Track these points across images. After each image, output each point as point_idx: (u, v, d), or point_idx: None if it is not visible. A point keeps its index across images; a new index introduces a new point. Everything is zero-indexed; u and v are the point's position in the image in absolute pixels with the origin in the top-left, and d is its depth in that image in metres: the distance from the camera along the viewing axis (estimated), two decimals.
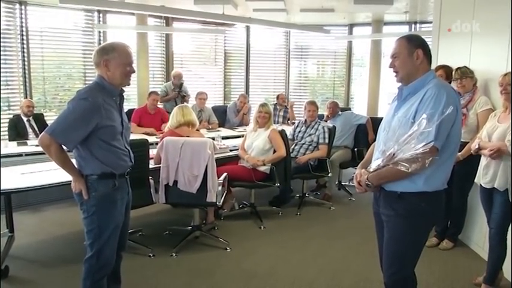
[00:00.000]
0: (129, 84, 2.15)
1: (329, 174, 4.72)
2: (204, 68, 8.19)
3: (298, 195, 4.91)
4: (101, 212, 2.08)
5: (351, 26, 8.42)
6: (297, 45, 8.70)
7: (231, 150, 4.53)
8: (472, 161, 3.07)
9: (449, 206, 3.69)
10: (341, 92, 8.87)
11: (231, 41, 8.24)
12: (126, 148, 2.19)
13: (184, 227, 3.84)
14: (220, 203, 3.46)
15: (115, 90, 2.12)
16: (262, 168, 4.14)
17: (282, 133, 4.26)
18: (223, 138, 5.10)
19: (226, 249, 3.55)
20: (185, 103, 5.90)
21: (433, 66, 4.41)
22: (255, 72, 8.42)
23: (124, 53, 2.09)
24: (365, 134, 5.45)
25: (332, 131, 4.77)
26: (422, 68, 1.94)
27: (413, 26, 8.03)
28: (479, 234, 3.62)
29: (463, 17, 3.92)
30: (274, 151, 4.19)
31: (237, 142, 4.97)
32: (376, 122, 5.61)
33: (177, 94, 6.39)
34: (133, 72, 2.13)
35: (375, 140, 5.42)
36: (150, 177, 3.42)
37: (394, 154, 1.85)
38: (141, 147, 3.29)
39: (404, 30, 8.12)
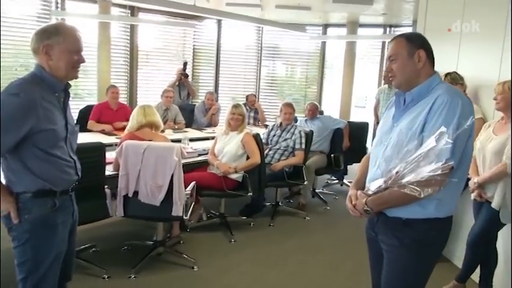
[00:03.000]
0: (76, 77, 1.70)
1: (305, 182, 4.41)
2: (171, 64, 7.69)
3: (270, 203, 4.56)
4: (36, 239, 1.63)
5: (325, 27, 8.17)
6: (269, 45, 8.35)
7: (199, 155, 4.11)
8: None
9: None
10: (312, 94, 8.60)
11: (201, 36, 7.79)
12: (72, 158, 1.74)
13: (145, 241, 3.41)
14: (188, 217, 3.04)
15: (58, 84, 1.66)
16: (234, 176, 3.76)
17: (257, 137, 3.89)
18: (191, 140, 4.67)
19: (194, 268, 3.14)
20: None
21: None
22: (225, 71, 8.01)
23: (71, 38, 1.64)
24: (341, 139, 5.18)
25: (309, 136, 4.45)
26: (425, 71, 1.66)
27: (388, 29, 7.88)
28: (462, 250, 3.43)
29: (451, 19, 3.70)
30: (248, 157, 3.82)
31: (206, 145, 4.56)
32: (354, 127, 5.37)
33: (181, 75, 6.17)
34: (83, 62, 1.68)
35: (349, 147, 5.24)
36: (106, 186, 2.97)
37: (399, 174, 1.52)
38: (96, 152, 2.83)
39: (379, 33, 7.98)
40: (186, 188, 3.02)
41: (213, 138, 5.19)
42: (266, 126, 6.08)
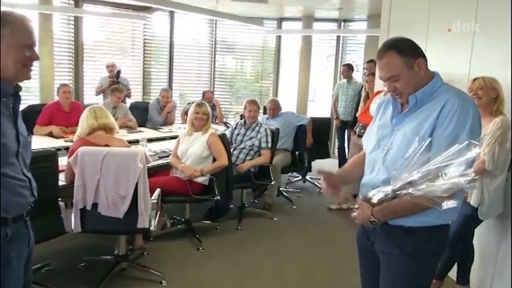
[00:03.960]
0: (28, 78, 1.39)
1: (272, 182, 4.25)
2: (120, 59, 7.20)
3: (236, 205, 4.36)
4: None
5: (281, 21, 8.03)
6: (224, 39, 8.07)
7: (160, 158, 3.82)
8: None
9: None
10: (268, 90, 8.44)
11: (152, 30, 7.35)
12: (26, 176, 1.43)
13: (105, 256, 3.09)
14: (155, 227, 2.77)
15: (6, 87, 1.34)
16: (200, 179, 3.52)
17: (223, 138, 3.67)
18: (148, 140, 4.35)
19: (162, 283, 2.88)
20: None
21: None
22: (178, 67, 7.63)
23: (21, 29, 1.33)
24: (305, 136, 5.07)
25: (275, 134, 4.29)
26: (426, 75, 1.57)
27: (342, 24, 7.89)
28: None
29: (416, 13, 3.68)
30: (214, 158, 3.59)
31: (165, 146, 4.29)
32: (316, 123, 5.28)
33: (112, 84, 5.61)
34: (36, 59, 1.37)
35: (313, 143, 5.15)
36: (60, 199, 2.63)
37: (412, 182, 1.38)
38: (48, 162, 2.49)
39: (333, 27, 7.97)
40: (151, 196, 2.75)
41: (170, 138, 4.96)
42: (225, 123, 5.86)
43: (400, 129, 1.57)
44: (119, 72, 5.89)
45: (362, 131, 4.47)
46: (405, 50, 1.53)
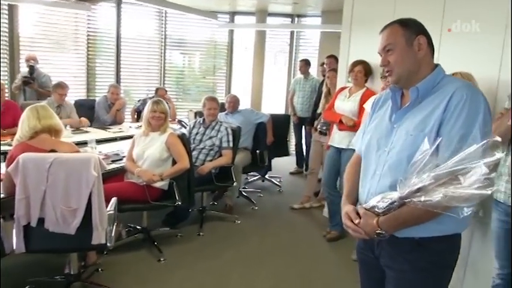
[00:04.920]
0: None
1: (234, 184, 4.03)
2: (62, 55, 6.61)
3: (196, 209, 4.09)
4: None
5: (233, 15, 7.79)
6: (174, 33, 7.67)
7: (113, 161, 3.48)
8: None
9: None
10: (221, 86, 8.18)
11: (97, 22, 6.81)
12: None
13: (54, 276, 2.72)
14: (113, 243, 2.46)
15: None
16: (158, 184, 3.22)
17: (183, 138, 3.40)
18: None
19: None
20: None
21: (343, 61, 4.11)
22: (125, 62, 7.14)
23: None
24: (265, 134, 4.90)
25: (237, 133, 4.07)
26: (426, 62, 1.43)
27: (296, 19, 7.80)
28: None
29: (380, 8, 3.61)
30: (173, 161, 3.31)
31: (116, 147, 3.94)
32: (275, 120, 5.12)
33: (23, 80, 5.12)
34: None
35: (273, 141, 5.01)
36: None
37: (424, 188, 1.22)
38: None
39: (287, 22, 7.87)
40: (106, 206, 2.44)
41: (121, 138, 4.59)
42: (180, 122, 5.55)
43: (401, 126, 1.41)
44: (32, 67, 5.28)
45: (324, 127, 4.38)
46: (408, 25, 1.42)
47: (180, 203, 3.27)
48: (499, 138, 1.18)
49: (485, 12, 2.34)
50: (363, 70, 3.60)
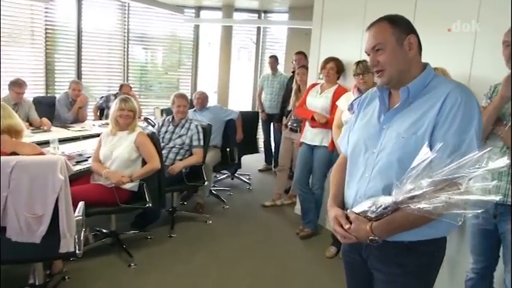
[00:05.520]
0: None
1: (206, 183, 3.94)
2: (18, 49, 6.21)
3: (166, 209, 3.96)
4: None
5: (199, 9, 7.62)
6: (137, 28, 7.39)
7: (77, 162, 3.30)
8: None
9: None
10: (186, 82, 8.00)
11: (55, 15, 6.43)
12: None
13: (18, 286, 2.54)
14: (82, 250, 2.32)
15: None
16: (128, 186, 3.08)
17: (153, 137, 3.26)
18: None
19: None
20: None
21: (314, 58, 4.10)
22: (86, 57, 6.82)
23: None
24: (234, 131, 4.83)
25: (207, 131, 3.97)
26: (416, 61, 1.39)
27: (262, 15, 7.74)
28: None
29: (352, 5, 3.62)
30: (143, 161, 3.18)
31: (80, 147, 3.76)
32: (244, 117, 5.06)
33: None
34: None
35: (243, 139, 4.95)
36: None
37: (417, 195, 1.18)
38: None
39: (254, 17, 7.81)
40: (74, 211, 2.29)
41: (84, 138, 4.38)
42: (146, 119, 5.37)
43: (391, 128, 1.38)
44: None
45: (295, 124, 4.36)
46: (397, 22, 1.37)
47: (150, 204, 3.14)
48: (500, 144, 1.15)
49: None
50: (335, 67, 3.60)
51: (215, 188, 4.97)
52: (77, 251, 2.25)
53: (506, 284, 2.03)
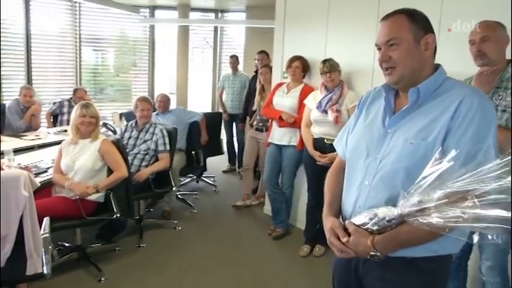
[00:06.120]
0: None
1: (174, 188, 3.82)
2: None
3: (133, 219, 3.80)
4: None
5: (153, 9, 7.42)
6: (88, 29, 7.06)
7: (36, 175, 3.09)
8: None
9: (322, 210, 3.40)
10: (143, 84, 7.77)
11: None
12: None
13: None
14: (50, 270, 2.16)
15: None
16: (93, 197, 2.92)
17: (119, 144, 3.11)
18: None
19: None
20: None
21: (278, 57, 4.08)
22: (36, 61, 6.43)
23: None
24: (199, 133, 4.73)
25: (173, 134, 3.85)
26: (430, 63, 1.28)
27: (219, 14, 7.66)
28: None
29: (315, 4, 3.63)
30: (109, 169, 3.03)
31: (36, 158, 3.53)
32: (209, 118, 4.98)
33: None
34: None
35: (207, 142, 4.87)
36: None
37: (428, 208, 1.07)
38: None
39: (210, 17, 7.71)
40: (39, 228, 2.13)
41: (39, 147, 4.13)
42: (105, 125, 5.14)
43: (397, 132, 1.26)
44: None
45: (260, 124, 4.34)
46: (416, 18, 1.25)
47: (119, 215, 3.00)
48: None
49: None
50: (300, 66, 3.60)
51: (181, 193, 4.85)
52: (45, 271, 2.10)
53: (483, 272, 2.10)
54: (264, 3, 6.19)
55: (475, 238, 1.07)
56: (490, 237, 1.02)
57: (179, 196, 4.69)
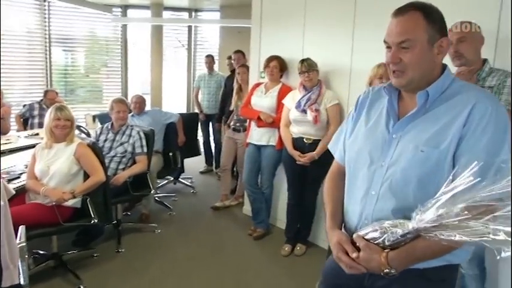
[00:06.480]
0: None
1: (152, 191, 3.77)
2: None
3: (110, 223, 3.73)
4: None
5: (125, 8, 7.27)
6: (58, 28, 6.85)
7: (8, 181, 2.97)
8: (326, 161, 2.83)
9: (302, 209, 3.43)
10: (115, 85, 7.61)
11: None
12: None
13: None
14: (27, 281, 2.08)
15: None
16: (70, 203, 2.84)
17: (95, 147, 3.03)
18: None
19: None
20: None
21: (255, 57, 4.08)
22: (4, 62, 6.18)
23: None
24: (176, 134, 4.68)
25: (150, 136, 3.79)
26: (440, 65, 1.21)
27: (193, 13, 7.59)
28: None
29: (292, 4, 3.64)
30: (85, 173, 2.95)
31: (7, 163, 3.40)
32: (185, 118, 4.92)
33: None
34: None
35: (184, 143, 4.82)
36: None
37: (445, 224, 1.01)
38: None
39: (184, 16, 7.63)
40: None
41: (11, 152, 3.98)
42: (79, 127, 5.01)
43: (405, 138, 1.18)
44: None
45: (238, 124, 4.33)
46: (434, 18, 1.15)
47: (96, 220, 2.93)
48: None
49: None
50: (278, 65, 3.61)
51: (159, 195, 4.79)
52: (22, 282, 2.02)
53: (462, 265, 2.15)
54: (238, 3, 6.18)
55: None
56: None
57: (157, 199, 4.63)
